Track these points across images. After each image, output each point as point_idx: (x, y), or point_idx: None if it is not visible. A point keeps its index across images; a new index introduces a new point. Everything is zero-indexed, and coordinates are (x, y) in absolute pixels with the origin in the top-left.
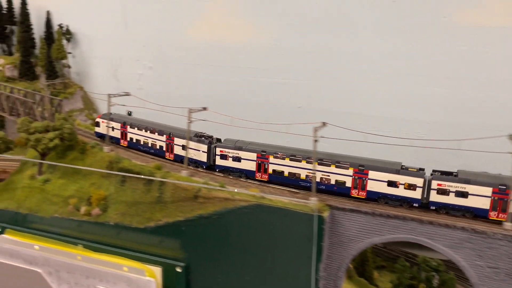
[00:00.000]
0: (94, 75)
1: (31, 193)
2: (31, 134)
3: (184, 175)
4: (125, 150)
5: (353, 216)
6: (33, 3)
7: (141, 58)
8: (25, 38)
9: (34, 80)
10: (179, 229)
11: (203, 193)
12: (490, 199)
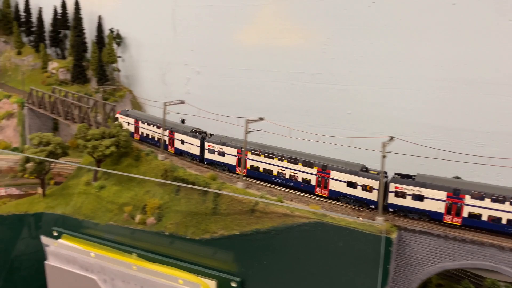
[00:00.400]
0: (143, 79)
1: (87, 200)
2: (88, 141)
3: (240, 187)
4: (179, 159)
5: (423, 239)
6: (86, 8)
7: (189, 62)
8: (78, 42)
9: (85, 83)
10: (234, 243)
11: (260, 207)
12: (444, 203)
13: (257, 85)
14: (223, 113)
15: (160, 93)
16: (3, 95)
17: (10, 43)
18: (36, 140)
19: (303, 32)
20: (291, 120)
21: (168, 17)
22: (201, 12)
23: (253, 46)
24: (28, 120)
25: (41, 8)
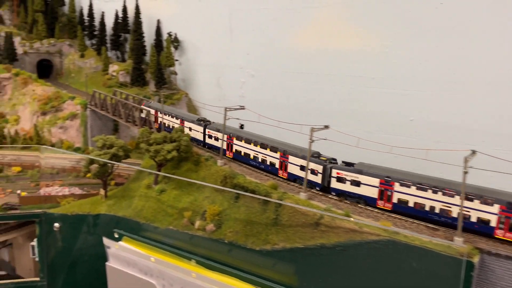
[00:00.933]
0: (199, 82)
1: (147, 203)
2: (151, 145)
3: (303, 197)
4: (238, 165)
5: (509, 264)
6: (145, 12)
7: (244, 66)
8: (137, 45)
9: (144, 86)
10: (297, 256)
11: (326, 221)
12: (377, 189)
13: (312, 89)
14: (277, 118)
15: (215, 97)
16: (67, 96)
17: (74, 46)
18: (100, 142)
19: (364, 34)
20: (347, 125)
21: (225, 21)
22: (257, 15)
23: (310, 49)
24: (90, 121)
25: (103, 13)
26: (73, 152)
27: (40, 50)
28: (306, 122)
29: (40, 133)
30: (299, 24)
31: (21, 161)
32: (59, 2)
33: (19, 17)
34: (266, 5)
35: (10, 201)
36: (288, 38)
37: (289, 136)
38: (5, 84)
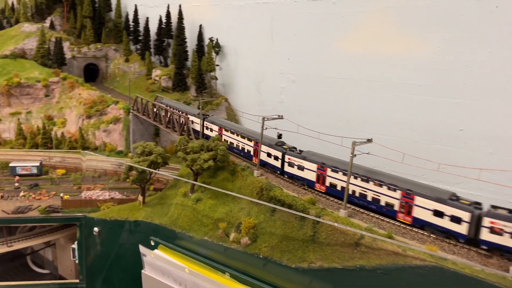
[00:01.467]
0: (238, 87)
1: (183, 212)
2: (188, 153)
3: (343, 215)
4: (275, 176)
5: None
6: (188, 17)
7: (285, 71)
8: (180, 51)
9: (185, 91)
10: (335, 277)
11: (366, 241)
12: (315, 173)
13: (355, 95)
14: (318, 124)
15: (254, 102)
16: (111, 100)
17: (120, 51)
18: (139, 149)
19: (412, 39)
20: (392, 134)
21: (267, 26)
22: (300, 20)
23: (353, 54)
24: (133, 125)
25: (148, 18)
26: (112, 157)
27: (87, 55)
28: (348, 130)
29: (84, 136)
30: (343, 29)
31: (65, 163)
32: (107, 8)
33: (68, 22)
34: (309, 10)
35: (53, 204)
36: (331, 43)
37: (330, 149)
38: (53, 88)
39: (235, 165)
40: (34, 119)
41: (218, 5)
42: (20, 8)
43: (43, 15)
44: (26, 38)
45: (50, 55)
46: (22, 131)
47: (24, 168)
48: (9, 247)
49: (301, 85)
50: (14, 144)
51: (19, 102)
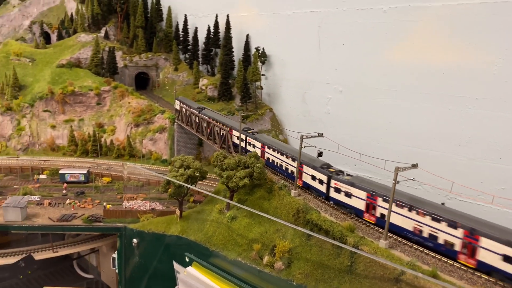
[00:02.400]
0: (284, 97)
1: (218, 229)
2: (224, 170)
3: (383, 245)
4: (313, 198)
5: None
6: (236, 27)
7: (331, 81)
8: (226, 60)
9: (230, 100)
10: None
11: (408, 278)
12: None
13: (405, 107)
14: (364, 136)
15: (299, 112)
16: (158, 109)
17: (169, 60)
18: (178, 162)
19: (469, 50)
20: (443, 150)
21: (314, 35)
22: (348, 30)
23: (404, 65)
24: (177, 135)
25: (196, 28)
26: (152, 167)
27: (139, 64)
28: (396, 144)
29: (132, 144)
30: (393, 38)
31: (112, 171)
32: (158, 18)
33: (122, 32)
34: (358, 19)
35: (96, 213)
36: (380, 53)
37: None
38: (105, 96)
39: (272, 183)
40: (86, 126)
41: (265, 14)
42: (78, 19)
43: (98, 26)
44: (82, 48)
45: (103, 64)
46: (74, 138)
47: (72, 175)
48: (54, 253)
49: (348, 96)
50: (66, 150)
51: (72, 110)
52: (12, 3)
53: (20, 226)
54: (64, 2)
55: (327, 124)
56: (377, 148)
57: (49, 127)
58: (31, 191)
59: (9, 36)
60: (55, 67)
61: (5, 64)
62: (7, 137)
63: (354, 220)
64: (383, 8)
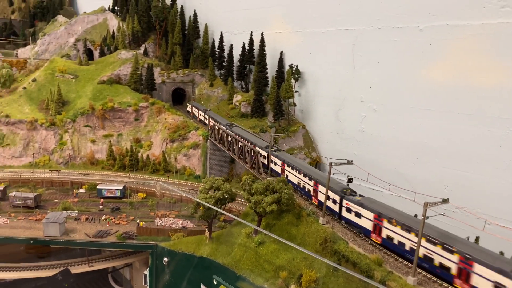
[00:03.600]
0: (317, 114)
1: (246, 253)
2: (252, 194)
3: (411, 282)
4: (341, 226)
5: None
6: (270, 44)
7: (366, 99)
8: (260, 77)
9: (263, 117)
10: None
11: None
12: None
13: (442, 128)
14: (399, 156)
15: (332, 129)
16: (193, 126)
17: (205, 76)
18: (208, 184)
19: (508, 69)
20: (483, 173)
21: (348, 52)
22: (384, 47)
23: (441, 84)
24: (210, 151)
25: (232, 45)
26: (184, 191)
27: (176, 80)
28: (433, 165)
29: (167, 159)
30: (430, 57)
31: (146, 186)
32: (195, 35)
33: (160, 49)
34: (393, 37)
35: (129, 230)
36: (416, 72)
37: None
38: (143, 112)
39: (301, 209)
40: (124, 141)
41: (299, 32)
42: (119, 36)
43: (138, 43)
44: (122, 65)
45: (142, 81)
46: (113, 152)
47: (109, 190)
48: (90, 267)
49: (383, 115)
50: (105, 164)
51: (111, 125)
52: (59, 21)
53: (58, 241)
54: (106, 20)
55: (361, 142)
56: (413, 168)
57: (89, 141)
58: (70, 205)
59: (55, 53)
60: (96, 83)
61: (51, 80)
62: (50, 150)
63: (382, 252)
64: (420, 27)
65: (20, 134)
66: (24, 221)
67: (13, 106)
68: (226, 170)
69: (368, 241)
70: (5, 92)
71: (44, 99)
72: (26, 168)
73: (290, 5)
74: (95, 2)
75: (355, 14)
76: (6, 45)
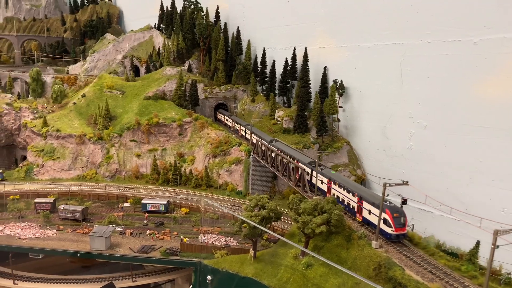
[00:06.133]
0: (362, 130)
1: (292, 276)
2: (299, 215)
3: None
4: (397, 251)
5: None
6: (313, 59)
7: (415, 116)
8: (303, 92)
9: (305, 133)
10: None
11: None
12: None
13: (499, 147)
14: (451, 175)
15: (379, 146)
16: (235, 141)
17: (247, 92)
18: (253, 202)
19: None
20: None
21: (396, 67)
22: (434, 62)
23: (498, 101)
24: (252, 168)
25: (274, 61)
26: (229, 209)
27: (218, 95)
28: (489, 186)
29: (209, 174)
30: (484, 72)
31: (189, 202)
32: (238, 51)
33: (204, 65)
34: (445, 51)
35: (173, 246)
36: (470, 88)
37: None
38: (186, 127)
39: (351, 231)
40: (168, 155)
41: (344, 47)
42: (164, 53)
43: (183, 59)
44: (167, 81)
45: (186, 97)
46: (157, 166)
47: (153, 205)
48: (133, 282)
49: (434, 132)
50: (149, 178)
51: (156, 140)
52: (107, 39)
53: (103, 255)
54: (152, 38)
55: (410, 160)
56: (466, 189)
57: (135, 155)
58: (115, 219)
59: (103, 69)
60: (142, 99)
61: (99, 96)
62: (97, 164)
63: (444, 281)
64: (474, 40)
65: (70, 148)
66: (71, 233)
67: (64, 121)
68: (268, 187)
69: (427, 268)
70: (56, 107)
71: (92, 114)
72: (74, 181)
73: (335, 20)
74: (141, 21)
75: (403, 28)
76: (58, 62)
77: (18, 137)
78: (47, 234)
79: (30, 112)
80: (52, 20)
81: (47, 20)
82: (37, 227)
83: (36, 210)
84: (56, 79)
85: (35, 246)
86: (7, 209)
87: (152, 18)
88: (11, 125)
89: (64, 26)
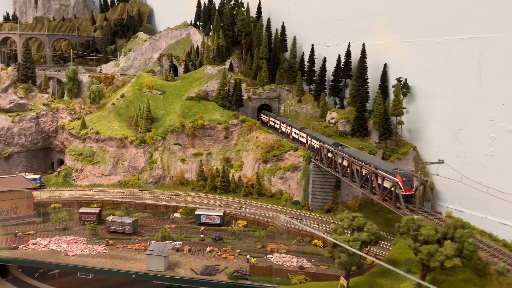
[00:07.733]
0: (430, 134)
1: None
2: (419, 242)
3: None
4: None
5: None
6: (371, 56)
7: (497, 118)
8: (362, 92)
9: (365, 137)
10: None
11: None
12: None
13: None
14: None
15: (450, 152)
16: (289, 146)
17: (292, 92)
18: (346, 222)
19: None
20: None
21: (472, 64)
22: None
23: None
24: (313, 176)
25: (325, 58)
26: (301, 223)
27: (262, 96)
28: None
29: (260, 181)
30: None
31: (244, 213)
32: (282, 48)
33: (245, 64)
34: None
35: (241, 268)
36: None
37: None
38: (232, 130)
39: (485, 264)
40: (214, 160)
41: (408, 42)
42: (204, 51)
43: (223, 58)
44: (209, 80)
45: (229, 97)
46: (203, 172)
47: (208, 217)
48: None
49: None
50: (195, 185)
51: (201, 143)
52: (140, 37)
53: (163, 277)
54: (190, 35)
55: (489, 168)
56: None
57: (179, 160)
58: (169, 233)
59: (140, 68)
60: (184, 99)
61: (139, 96)
62: (139, 169)
63: None
64: None
65: (110, 152)
66: (123, 250)
67: (103, 123)
68: (330, 197)
69: None
70: (94, 108)
71: (132, 115)
72: (115, 187)
73: (398, 12)
74: (174, 18)
75: (484, 20)
76: (89, 62)
77: (55, 139)
78: (96, 250)
79: (68, 113)
80: (81, 19)
81: (76, 19)
82: (84, 241)
83: (81, 221)
84: (93, 78)
85: (85, 265)
86: (50, 219)
87: (186, 16)
88: (48, 127)
89: (94, 25)
